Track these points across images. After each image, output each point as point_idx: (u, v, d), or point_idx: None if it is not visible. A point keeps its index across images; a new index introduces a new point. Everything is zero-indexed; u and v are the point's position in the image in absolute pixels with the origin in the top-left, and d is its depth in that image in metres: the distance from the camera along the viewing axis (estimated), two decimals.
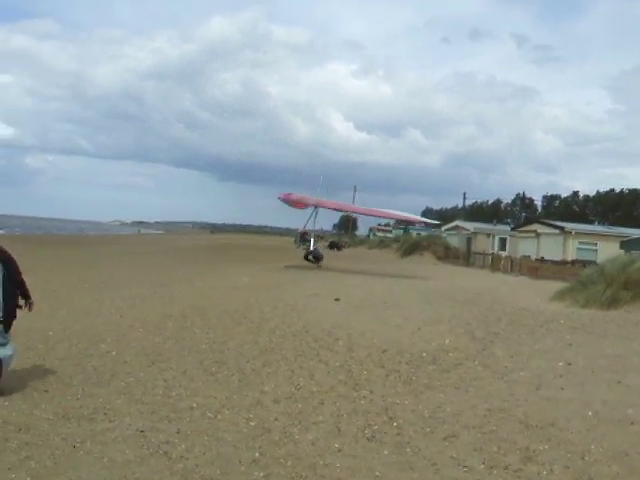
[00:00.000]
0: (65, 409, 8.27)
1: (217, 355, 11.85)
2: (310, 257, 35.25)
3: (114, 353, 11.91)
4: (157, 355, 11.80)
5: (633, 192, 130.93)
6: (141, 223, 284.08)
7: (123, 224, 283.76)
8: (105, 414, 8.13)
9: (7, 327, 9.11)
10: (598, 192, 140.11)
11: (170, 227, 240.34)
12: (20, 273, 9.35)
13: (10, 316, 9.13)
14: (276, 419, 8.13)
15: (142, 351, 12.13)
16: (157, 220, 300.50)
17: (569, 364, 10.67)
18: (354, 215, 50.28)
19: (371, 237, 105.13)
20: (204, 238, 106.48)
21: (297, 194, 38.89)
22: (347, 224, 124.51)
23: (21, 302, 9.40)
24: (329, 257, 39.53)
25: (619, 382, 9.41)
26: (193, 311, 16.81)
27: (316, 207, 37.54)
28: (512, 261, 41.73)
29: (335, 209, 41.20)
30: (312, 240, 35.47)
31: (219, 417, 8.17)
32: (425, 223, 36.73)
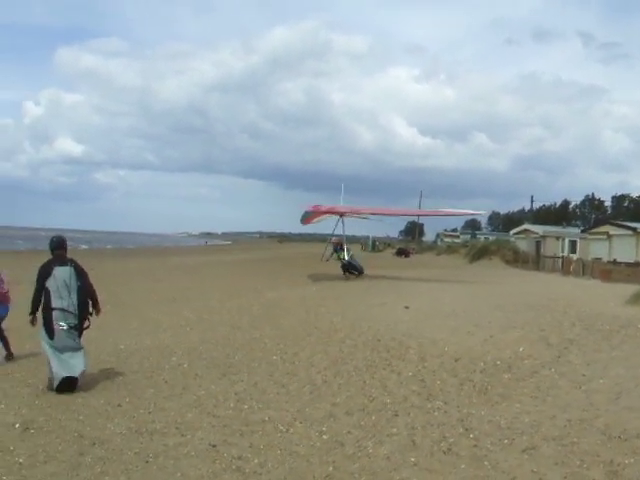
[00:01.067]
0: (138, 423, 8.31)
1: (288, 366, 11.81)
2: (350, 269, 33.52)
3: (185, 366, 11.98)
4: (228, 367, 11.81)
5: None
6: (208, 234, 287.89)
7: (190, 236, 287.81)
8: (177, 428, 8.13)
9: (80, 333, 10.37)
10: None
11: (237, 238, 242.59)
12: (91, 285, 10.64)
13: (83, 323, 10.42)
14: (349, 432, 8.01)
15: (213, 363, 12.17)
16: (224, 231, 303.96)
17: None
18: (380, 217, 42.59)
19: (439, 243, 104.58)
20: (272, 248, 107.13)
21: (326, 205, 37.60)
22: (414, 230, 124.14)
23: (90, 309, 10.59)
24: (397, 264, 39.31)
25: None
26: (263, 322, 16.85)
27: (341, 216, 36.56)
28: (583, 264, 40.90)
29: (358, 214, 39.05)
30: (346, 250, 34.02)
31: (291, 430, 8.09)
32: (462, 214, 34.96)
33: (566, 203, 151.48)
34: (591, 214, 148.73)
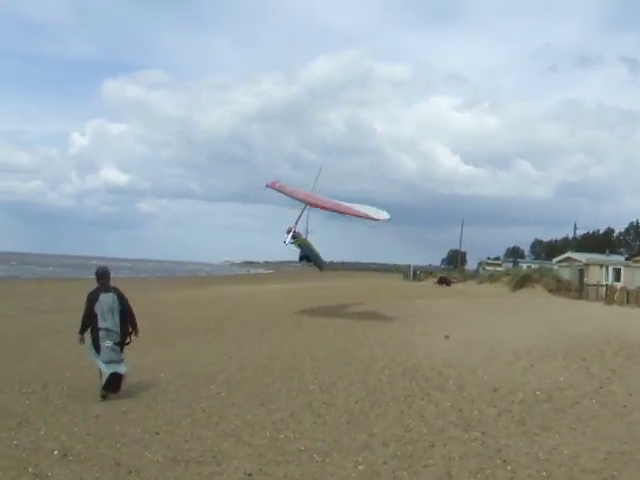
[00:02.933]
0: (174, 452, 8.32)
1: (325, 396, 11.76)
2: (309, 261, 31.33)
3: (223, 394, 12.00)
4: (265, 396, 11.80)
5: None
6: (251, 263, 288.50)
7: (233, 264, 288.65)
8: (213, 457, 8.12)
9: (122, 348, 11.96)
10: None
11: (279, 266, 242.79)
12: (131, 308, 12.22)
13: (124, 340, 12.03)
14: (385, 462, 7.94)
15: (251, 392, 12.17)
16: (266, 260, 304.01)
17: None
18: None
19: (480, 271, 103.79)
20: (313, 277, 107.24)
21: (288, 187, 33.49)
22: (456, 259, 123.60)
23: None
24: (438, 293, 39.05)
25: None
26: (302, 351, 16.84)
27: (306, 205, 31.04)
28: (628, 292, 40.32)
29: (326, 208, 32.98)
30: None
31: (327, 460, 8.04)
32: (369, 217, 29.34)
33: (610, 230, 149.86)
34: (635, 242, 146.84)
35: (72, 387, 12.48)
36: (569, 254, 70.95)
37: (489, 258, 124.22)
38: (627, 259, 63.04)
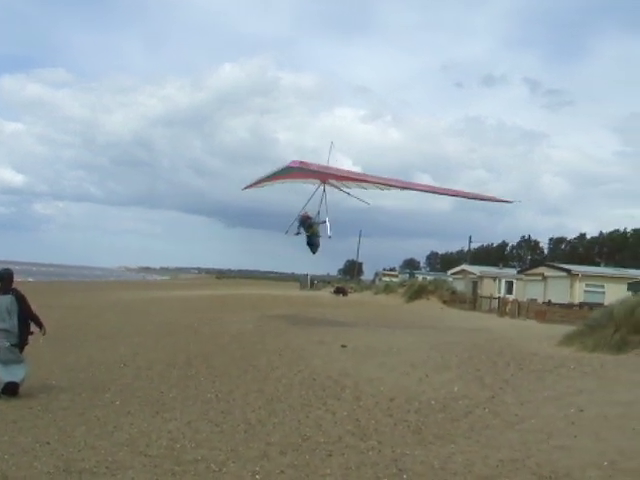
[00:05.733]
0: (66, 462, 8.07)
1: (222, 405, 11.68)
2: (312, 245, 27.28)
3: (118, 403, 11.78)
4: (161, 405, 11.64)
5: (638, 232, 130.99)
6: (147, 269, 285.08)
7: (129, 270, 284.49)
8: (107, 467, 7.92)
9: (21, 349, 11.94)
10: (601, 233, 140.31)
11: (176, 273, 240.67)
12: (31, 308, 12.28)
13: (23, 342, 12.04)
14: (282, 472, 7.91)
15: (146, 400, 11.99)
16: (163, 266, 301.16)
17: (581, 411, 10.43)
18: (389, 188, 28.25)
19: (377, 282, 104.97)
20: (209, 284, 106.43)
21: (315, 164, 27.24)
22: (353, 269, 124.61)
23: (34, 329, 12.38)
24: (335, 303, 39.29)
25: (634, 429, 9.15)
26: (198, 359, 16.69)
27: (324, 182, 27.01)
28: (519, 305, 41.45)
29: (357, 180, 27.84)
30: (323, 226, 26.66)
31: (224, 470, 7.95)
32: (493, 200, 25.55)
33: (504, 244, 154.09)
34: (527, 255, 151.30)
35: None
36: (464, 266, 72.56)
37: (385, 269, 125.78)
38: (519, 272, 64.94)
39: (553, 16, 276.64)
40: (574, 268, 53.65)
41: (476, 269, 66.97)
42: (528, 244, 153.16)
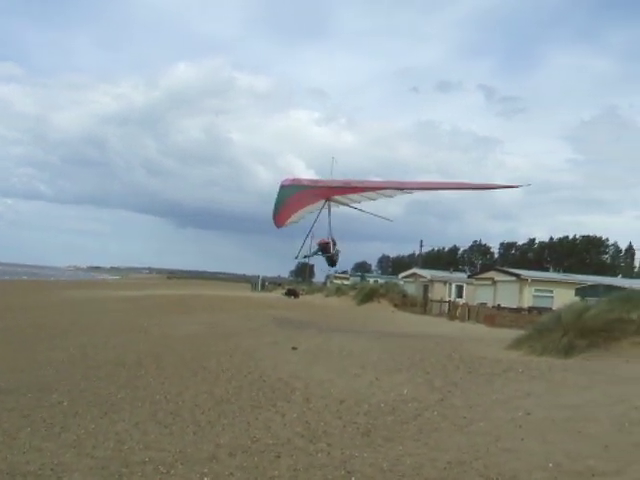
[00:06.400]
0: (11, 465, 7.97)
1: (172, 406, 11.61)
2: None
3: (65, 404, 11.65)
4: (110, 406, 11.54)
5: (586, 239, 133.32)
6: (97, 268, 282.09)
7: (78, 269, 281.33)
8: (52, 470, 7.84)
9: None
10: (552, 239, 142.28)
11: (126, 273, 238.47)
12: None
13: None
14: (231, 474, 7.90)
15: (94, 401, 11.88)
16: (113, 265, 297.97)
17: (528, 414, 10.54)
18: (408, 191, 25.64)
19: (328, 284, 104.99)
20: (160, 284, 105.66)
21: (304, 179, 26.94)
22: (304, 271, 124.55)
23: None
24: (286, 305, 39.21)
25: (579, 432, 9.28)
26: (148, 360, 16.55)
27: (327, 200, 25.84)
28: (469, 309, 41.81)
29: (369, 188, 25.81)
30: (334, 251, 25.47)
31: (172, 472, 7.91)
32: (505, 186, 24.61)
33: (455, 248, 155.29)
34: (478, 260, 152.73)
35: None
36: (415, 270, 72.87)
37: (337, 271, 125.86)
38: (469, 277, 65.39)
39: (508, 24, 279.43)
40: (523, 273, 54.16)
41: (427, 273, 67.35)
42: (479, 249, 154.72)
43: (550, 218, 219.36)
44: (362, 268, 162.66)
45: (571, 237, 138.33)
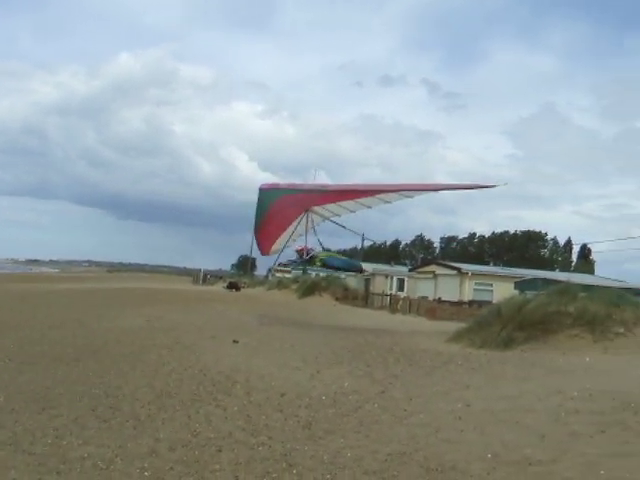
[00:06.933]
0: None
1: (111, 400, 11.48)
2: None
3: (1, 399, 11.44)
4: (47, 401, 11.36)
5: (526, 234, 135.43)
6: (35, 261, 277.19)
7: (16, 262, 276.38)
8: None
9: None
10: (493, 233, 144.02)
11: (66, 266, 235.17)
12: None
13: None
14: (171, 468, 7.85)
15: (31, 397, 11.68)
16: (52, 258, 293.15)
17: (468, 406, 10.67)
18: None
19: (270, 278, 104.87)
20: (101, 277, 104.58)
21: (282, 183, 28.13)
22: (246, 264, 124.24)
23: None
24: (228, 298, 39.08)
25: (517, 423, 9.42)
26: (87, 354, 16.33)
27: (307, 211, 26.88)
28: (410, 302, 42.12)
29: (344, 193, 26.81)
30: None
31: (111, 467, 7.83)
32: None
33: (397, 242, 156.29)
34: (420, 254, 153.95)
35: None
36: None
37: (279, 265, 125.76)
38: (411, 270, 66.07)
39: (452, 20, 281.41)
40: (464, 267, 54.91)
41: (369, 266, 67.61)
42: (421, 243, 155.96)
43: (490, 213, 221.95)
44: (304, 262, 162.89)
45: (512, 232, 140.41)
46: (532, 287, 33.44)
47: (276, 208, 26.32)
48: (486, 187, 25.88)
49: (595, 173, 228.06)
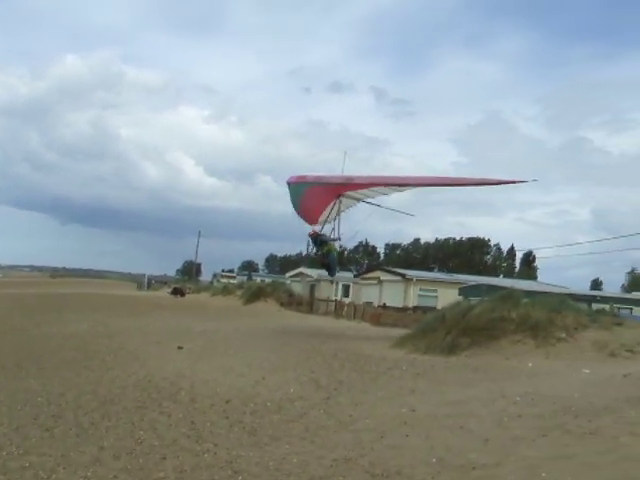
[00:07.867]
0: None
1: (54, 408, 11.34)
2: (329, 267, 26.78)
3: None
4: None
5: (470, 240, 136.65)
6: None
7: None
8: None
9: None
10: (437, 240, 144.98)
11: (6, 271, 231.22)
12: None
13: None
14: (116, 476, 7.76)
15: None
16: None
17: (413, 411, 10.73)
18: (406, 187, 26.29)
19: (215, 283, 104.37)
20: (43, 282, 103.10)
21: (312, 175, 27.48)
22: (191, 270, 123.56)
23: None
24: (172, 304, 38.78)
25: (461, 427, 9.50)
26: (28, 361, 16.12)
27: (339, 196, 26.08)
28: (355, 308, 42.23)
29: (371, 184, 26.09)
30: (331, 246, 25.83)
31: (53, 477, 7.72)
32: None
33: (342, 249, 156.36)
34: (365, 260, 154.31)
35: None
36: (302, 269, 73.12)
37: (224, 270, 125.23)
38: (355, 276, 66.17)
39: (401, 27, 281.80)
40: (408, 273, 55.16)
41: (314, 272, 67.64)
42: (365, 249, 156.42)
43: (435, 219, 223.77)
44: (249, 267, 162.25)
45: (457, 238, 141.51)
46: (476, 293, 33.79)
47: (307, 197, 26.28)
48: (517, 182, 25.55)
49: (540, 181, 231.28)
